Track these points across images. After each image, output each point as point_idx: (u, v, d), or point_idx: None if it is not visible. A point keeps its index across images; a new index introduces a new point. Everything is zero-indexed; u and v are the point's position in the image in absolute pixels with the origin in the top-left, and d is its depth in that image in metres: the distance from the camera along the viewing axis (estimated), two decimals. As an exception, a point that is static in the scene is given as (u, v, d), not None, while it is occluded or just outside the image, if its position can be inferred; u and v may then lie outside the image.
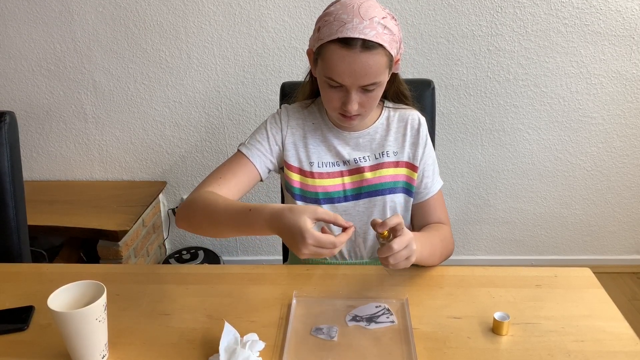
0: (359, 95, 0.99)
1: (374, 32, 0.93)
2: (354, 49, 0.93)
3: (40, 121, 2.23)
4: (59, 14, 2.05)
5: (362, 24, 0.93)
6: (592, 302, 0.97)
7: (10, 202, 1.25)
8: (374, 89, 1.00)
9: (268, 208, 0.88)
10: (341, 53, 0.94)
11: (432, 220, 1.16)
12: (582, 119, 2.13)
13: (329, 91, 1.01)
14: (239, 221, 0.92)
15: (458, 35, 2.02)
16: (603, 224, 2.33)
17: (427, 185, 1.16)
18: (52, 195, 2.18)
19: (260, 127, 1.15)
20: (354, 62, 0.94)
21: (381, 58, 0.95)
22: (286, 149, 1.14)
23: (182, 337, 0.90)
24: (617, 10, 1.96)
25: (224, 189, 1.05)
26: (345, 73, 0.95)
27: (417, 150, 1.14)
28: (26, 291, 1.03)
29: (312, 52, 1.04)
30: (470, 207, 2.32)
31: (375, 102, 1.04)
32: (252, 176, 1.10)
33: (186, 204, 1.03)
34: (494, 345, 0.87)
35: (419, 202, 1.17)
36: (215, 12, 2.02)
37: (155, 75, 2.13)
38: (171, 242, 2.46)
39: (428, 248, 1.01)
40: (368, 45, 0.93)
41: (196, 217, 1.00)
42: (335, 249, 0.83)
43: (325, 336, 0.89)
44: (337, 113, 1.04)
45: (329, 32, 0.95)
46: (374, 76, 0.96)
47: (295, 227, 0.82)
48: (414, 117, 1.15)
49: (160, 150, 2.26)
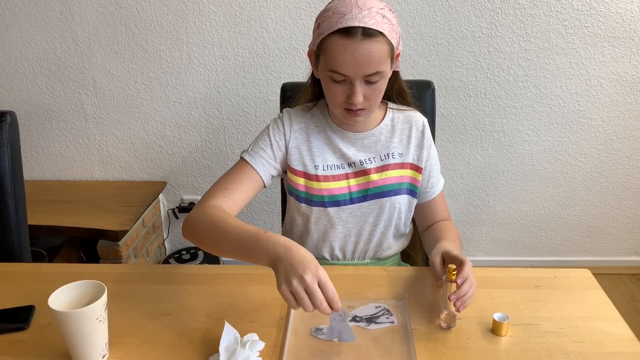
0: (363, 87, 0.99)
1: (374, 21, 0.94)
2: (355, 38, 0.94)
3: (41, 121, 2.23)
4: (59, 14, 2.05)
5: (362, 14, 0.94)
6: (592, 303, 0.98)
7: (10, 201, 1.25)
8: (378, 80, 1.00)
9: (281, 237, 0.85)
10: (343, 43, 0.95)
11: (439, 218, 1.20)
12: (581, 121, 2.14)
13: (333, 86, 1.01)
14: (245, 243, 0.88)
15: (458, 36, 2.02)
16: (602, 225, 2.33)
17: (434, 185, 1.19)
18: (52, 195, 2.18)
19: (262, 133, 1.15)
20: (356, 51, 0.94)
21: (382, 46, 0.96)
22: (290, 153, 1.13)
23: (182, 337, 0.90)
24: (616, 12, 1.96)
25: (229, 200, 1.05)
26: (348, 63, 0.96)
27: (422, 152, 1.15)
28: (26, 291, 1.04)
29: (312, 52, 1.04)
30: (470, 208, 2.32)
31: (380, 96, 1.03)
32: (256, 184, 1.11)
33: (193, 218, 1.01)
34: (493, 346, 0.87)
35: (425, 201, 1.19)
36: (216, 12, 2.02)
37: (155, 75, 2.13)
38: (171, 242, 2.46)
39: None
40: (369, 33, 0.94)
41: (202, 233, 0.98)
42: (323, 304, 0.77)
43: (325, 336, 0.89)
44: (342, 109, 1.04)
45: (329, 26, 0.96)
46: (377, 65, 0.97)
47: (310, 257, 0.80)
48: (418, 119, 1.16)
49: (161, 150, 2.26)
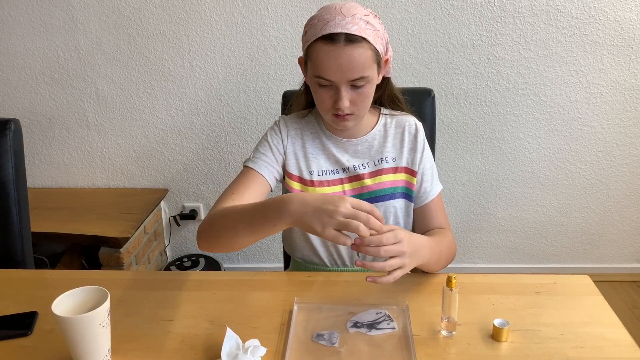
0: (349, 92, 1.01)
1: (356, 27, 0.96)
2: (338, 44, 0.96)
3: (43, 129, 2.24)
4: (62, 23, 2.07)
5: (345, 20, 0.96)
6: (591, 309, 0.98)
7: (14, 208, 1.26)
8: (364, 85, 1.01)
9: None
10: (326, 49, 0.97)
11: (433, 225, 1.18)
12: (581, 128, 2.15)
13: (320, 91, 1.03)
14: (258, 212, 0.91)
15: (458, 44, 2.04)
16: (603, 232, 2.33)
17: (427, 190, 1.17)
18: (54, 202, 2.19)
19: (261, 140, 1.17)
20: (339, 56, 0.97)
21: (365, 51, 0.98)
22: (287, 157, 1.15)
23: (184, 343, 0.91)
24: (615, 21, 1.98)
25: (238, 202, 1.05)
26: (331, 68, 0.98)
27: (416, 156, 1.16)
28: (29, 297, 1.04)
29: (302, 59, 1.07)
30: (471, 215, 2.32)
31: (367, 101, 1.05)
32: (264, 187, 1.11)
33: (204, 223, 1.02)
34: (493, 352, 0.88)
35: (419, 206, 1.18)
36: (218, 21, 2.04)
37: (157, 83, 2.15)
38: (172, 249, 2.46)
39: (436, 254, 1.04)
40: (351, 39, 0.96)
41: (215, 230, 0.99)
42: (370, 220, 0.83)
43: (326, 342, 0.90)
44: (331, 114, 1.06)
45: (314, 32, 0.99)
46: (361, 70, 0.98)
47: (333, 196, 0.86)
48: (411, 122, 1.17)
49: (162, 157, 2.27)
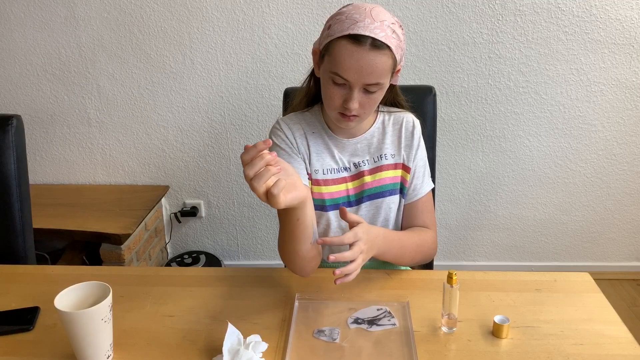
0: (360, 94, 1.01)
1: (384, 34, 0.96)
2: (364, 46, 0.95)
3: (45, 125, 2.24)
4: (64, 19, 2.07)
5: (373, 24, 0.96)
6: (591, 306, 0.98)
7: (16, 204, 1.27)
8: (376, 91, 1.01)
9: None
10: (350, 49, 0.96)
11: (417, 223, 1.17)
12: (582, 126, 2.15)
13: (332, 88, 1.02)
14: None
15: (459, 42, 2.04)
16: (603, 230, 2.34)
17: (416, 187, 1.16)
18: (55, 199, 2.19)
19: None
20: (362, 59, 0.96)
21: (387, 60, 0.98)
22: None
23: (185, 338, 0.91)
24: (616, 19, 1.98)
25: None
26: (352, 69, 0.97)
27: (411, 152, 1.15)
28: (31, 292, 1.05)
29: (318, 50, 1.05)
30: (471, 213, 2.33)
31: (374, 106, 1.05)
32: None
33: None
34: (494, 348, 0.88)
35: (407, 203, 1.18)
36: (219, 18, 2.04)
37: (158, 80, 2.15)
38: (173, 246, 2.47)
39: (396, 248, 1.06)
40: (377, 45, 0.96)
41: (279, 241, 1.02)
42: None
43: (327, 338, 0.90)
44: (337, 113, 1.05)
45: (340, 29, 0.97)
46: (379, 76, 0.98)
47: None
48: (409, 119, 1.16)
49: (163, 154, 2.28)
